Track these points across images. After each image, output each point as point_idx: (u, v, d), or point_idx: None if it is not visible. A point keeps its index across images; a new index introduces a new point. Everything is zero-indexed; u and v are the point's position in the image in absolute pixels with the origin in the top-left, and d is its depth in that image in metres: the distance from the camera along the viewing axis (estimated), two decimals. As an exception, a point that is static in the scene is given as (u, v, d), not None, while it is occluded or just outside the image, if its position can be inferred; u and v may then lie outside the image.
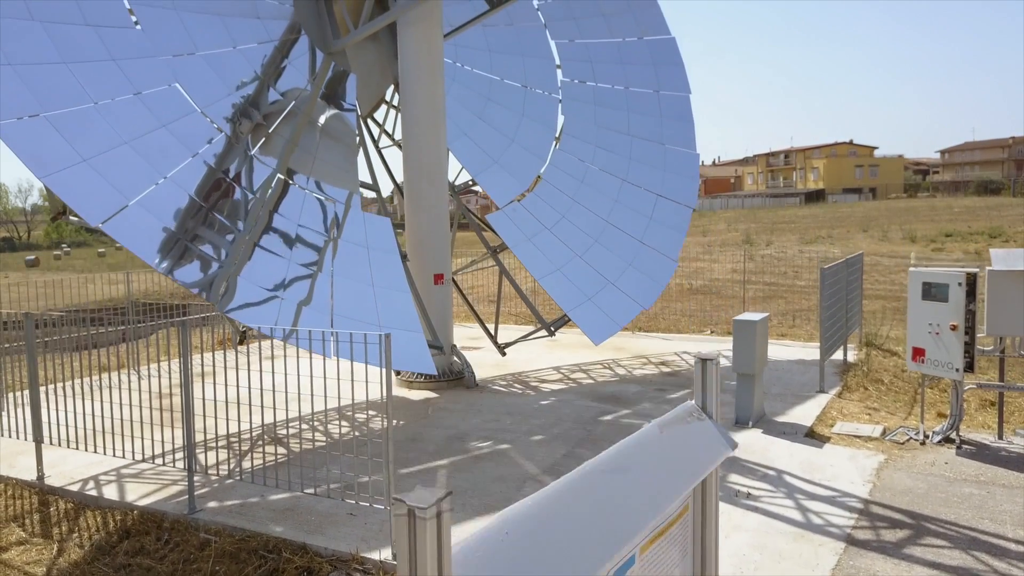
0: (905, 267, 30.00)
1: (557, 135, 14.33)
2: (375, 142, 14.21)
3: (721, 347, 15.06)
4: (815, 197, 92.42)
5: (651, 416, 10.27)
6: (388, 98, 14.14)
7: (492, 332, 13.34)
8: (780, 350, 14.25)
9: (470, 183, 13.53)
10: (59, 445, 8.31)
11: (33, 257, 54.12)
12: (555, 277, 12.67)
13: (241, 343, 11.39)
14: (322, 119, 11.78)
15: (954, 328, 8.71)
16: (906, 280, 28.66)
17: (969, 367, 8.94)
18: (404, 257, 11.49)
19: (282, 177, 10.81)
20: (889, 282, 26.93)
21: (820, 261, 32.79)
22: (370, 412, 10.86)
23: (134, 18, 10.43)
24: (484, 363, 13.53)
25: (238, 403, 7.36)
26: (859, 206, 71.51)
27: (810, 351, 14.02)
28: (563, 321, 12.88)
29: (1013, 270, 8.66)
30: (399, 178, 13.62)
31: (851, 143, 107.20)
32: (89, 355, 9.57)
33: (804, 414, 10.17)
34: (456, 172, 13.53)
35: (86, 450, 8.12)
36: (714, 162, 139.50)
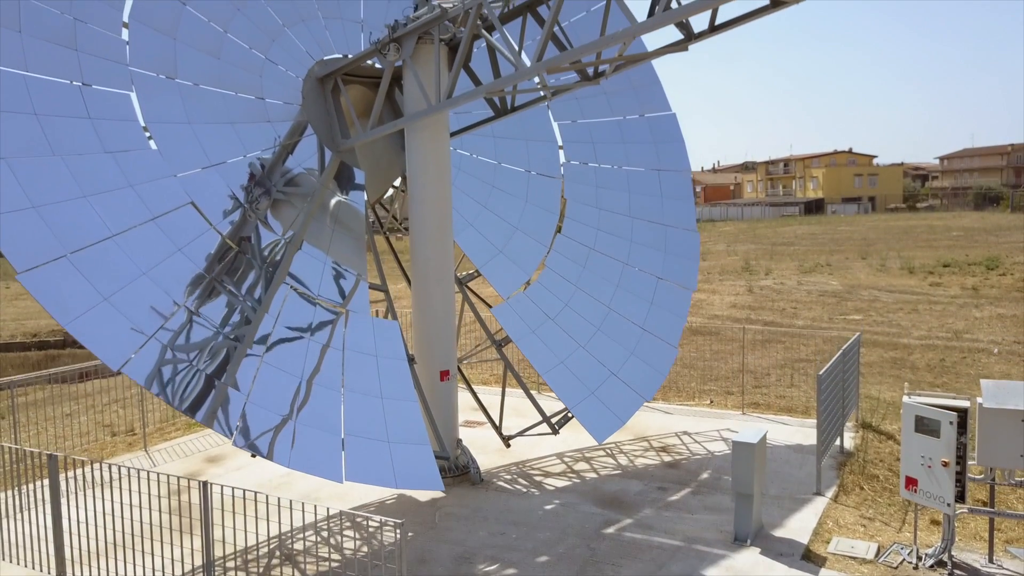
0: (904, 304, 30.32)
1: (559, 220, 14.60)
2: (382, 226, 14.49)
3: (720, 424, 15.39)
4: (814, 207, 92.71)
5: (653, 528, 10.57)
6: (395, 183, 14.42)
7: (497, 423, 13.62)
8: (778, 431, 14.56)
9: (475, 274, 13.80)
10: (82, 581, 8.64)
11: (35, 271, 53.79)
12: (559, 371, 12.97)
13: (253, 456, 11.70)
14: (331, 205, 12.08)
15: (946, 465, 9.02)
16: (905, 321, 28.52)
17: (960, 497, 9.26)
18: (411, 360, 11.79)
19: (288, 284, 11.08)
20: (888, 323, 27.19)
21: (818, 294, 33.17)
22: (382, 517, 11.14)
23: (148, 134, 10.70)
24: (488, 448, 13.81)
25: (256, 515, 7.87)
26: (858, 222, 71.83)
27: (807, 432, 14.31)
28: (566, 419, 13.17)
29: (1003, 408, 8.96)
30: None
31: (850, 152, 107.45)
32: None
33: (801, 527, 10.48)
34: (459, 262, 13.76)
35: (109, 590, 8.46)
36: (714, 167, 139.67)
